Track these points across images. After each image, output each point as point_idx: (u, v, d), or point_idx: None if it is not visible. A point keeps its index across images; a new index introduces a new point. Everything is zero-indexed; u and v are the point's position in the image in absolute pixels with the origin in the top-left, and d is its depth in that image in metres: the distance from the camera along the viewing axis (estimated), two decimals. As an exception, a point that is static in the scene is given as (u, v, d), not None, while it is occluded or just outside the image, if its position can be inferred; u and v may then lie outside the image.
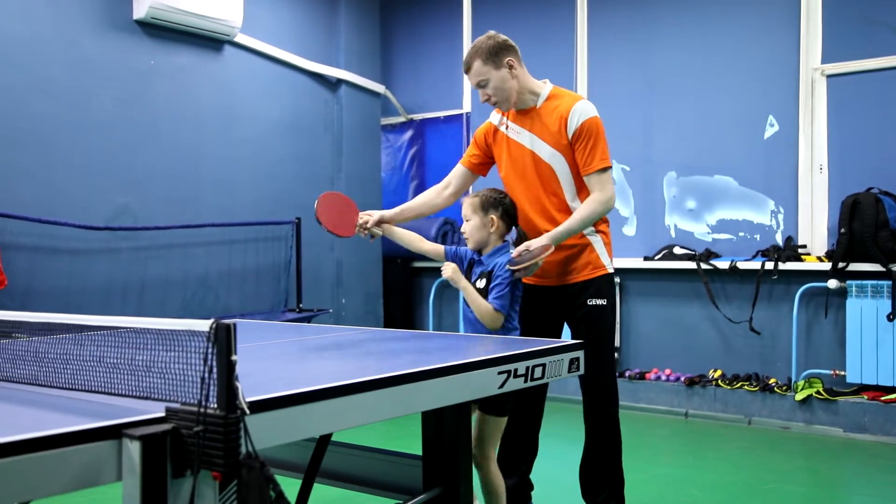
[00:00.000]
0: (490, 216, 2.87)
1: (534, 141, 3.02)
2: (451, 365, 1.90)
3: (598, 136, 2.94)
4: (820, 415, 4.99)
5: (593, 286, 3.04)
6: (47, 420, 1.36)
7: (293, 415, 1.50)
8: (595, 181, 2.94)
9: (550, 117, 2.99)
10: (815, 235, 5.22)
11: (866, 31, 5.03)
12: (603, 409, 3.12)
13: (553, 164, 2.99)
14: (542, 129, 3.01)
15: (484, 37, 3.04)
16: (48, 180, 4.63)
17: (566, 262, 3.06)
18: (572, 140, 2.95)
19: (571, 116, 2.94)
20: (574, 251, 3.05)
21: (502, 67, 2.99)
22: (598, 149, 2.93)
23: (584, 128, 2.93)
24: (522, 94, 3.04)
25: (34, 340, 1.96)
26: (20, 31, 4.55)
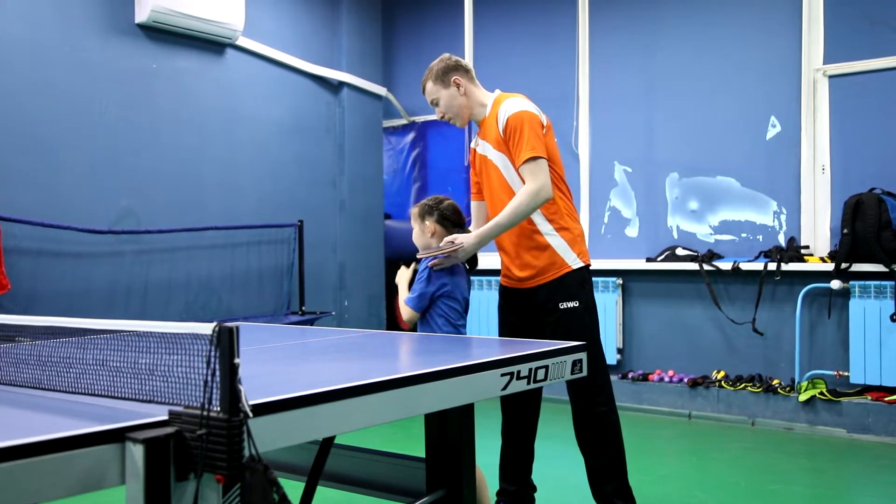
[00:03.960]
0: (426, 223, 3.09)
1: (486, 148, 3.17)
2: (453, 367, 1.90)
3: (521, 130, 3.01)
4: (823, 416, 4.99)
5: (561, 288, 3.08)
6: (50, 424, 1.36)
7: (296, 417, 1.50)
8: (525, 172, 2.99)
9: (491, 121, 3.14)
10: (817, 236, 5.22)
11: (868, 32, 5.03)
12: (588, 408, 3.13)
13: (499, 166, 3.10)
14: (489, 135, 3.15)
15: (437, 60, 3.26)
16: (51, 184, 4.64)
17: (528, 267, 3.12)
18: (504, 135, 3.06)
19: (499, 117, 3.07)
20: (534, 253, 3.10)
21: (450, 86, 3.18)
22: (524, 141, 3.00)
23: (508, 124, 3.04)
24: (473, 108, 3.21)
25: (37, 344, 1.96)
26: (22, 35, 4.56)
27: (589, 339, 3.03)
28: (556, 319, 3.07)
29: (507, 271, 3.23)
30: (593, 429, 3.14)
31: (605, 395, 3.14)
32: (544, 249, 3.09)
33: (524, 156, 2.98)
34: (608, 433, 3.14)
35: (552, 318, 3.08)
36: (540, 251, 3.09)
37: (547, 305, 3.09)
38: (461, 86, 3.18)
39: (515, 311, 3.25)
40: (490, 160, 3.15)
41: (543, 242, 3.09)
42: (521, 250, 3.12)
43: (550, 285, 3.09)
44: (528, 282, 3.14)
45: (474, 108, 3.21)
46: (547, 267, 3.09)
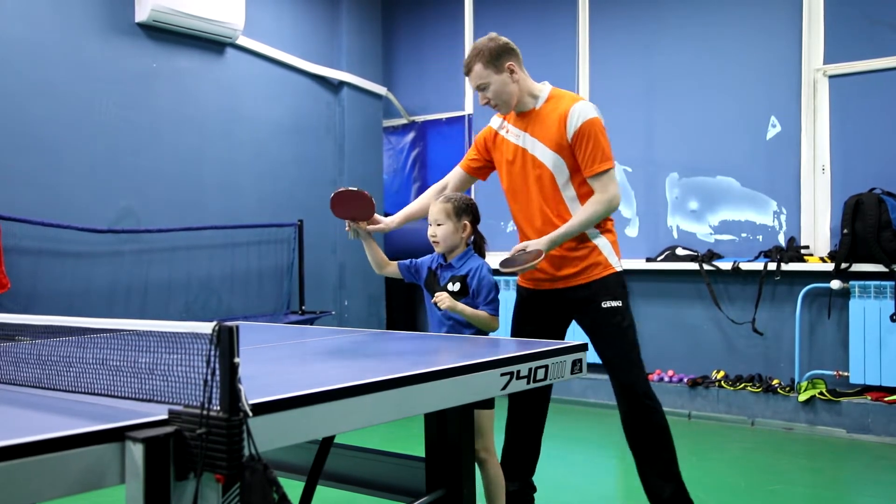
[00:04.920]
0: (463, 222, 2.94)
1: (533, 144, 2.98)
2: (453, 367, 1.90)
3: (598, 138, 2.88)
4: (823, 416, 4.99)
5: (604, 288, 2.98)
6: (50, 423, 1.37)
7: (296, 417, 1.50)
8: (597, 183, 2.90)
9: (550, 119, 2.94)
10: (817, 236, 5.22)
11: (868, 32, 5.03)
12: (643, 415, 2.99)
13: (552, 167, 2.94)
14: (541, 131, 2.96)
15: (485, 38, 2.98)
16: (51, 184, 4.64)
17: (571, 265, 3.00)
18: (572, 142, 2.90)
19: (570, 117, 2.89)
20: (579, 254, 2.99)
21: (503, 72, 2.95)
22: (599, 150, 2.88)
23: (583, 129, 2.88)
24: (522, 97, 3.00)
25: (37, 343, 1.96)
26: (22, 35, 4.56)
27: (632, 339, 3.01)
28: (598, 318, 2.99)
29: (537, 271, 3.03)
30: (645, 430, 3.01)
31: (651, 395, 3.03)
32: (590, 249, 2.99)
33: (601, 166, 2.87)
34: (660, 433, 3.01)
35: (592, 316, 3.00)
36: (585, 251, 2.99)
37: (587, 304, 3.00)
38: (515, 72, 2.97)
39: (539, 313, 3.14)
40: (537, 158, 2.97)
41: (589, 243, 2.99)
42: (563, 249, 2.97)
43: (594, 285, 2.98)
44: (566, 280, 3.02)
45: (523, 97, 3.00)
46: (591, 267, 2.99)
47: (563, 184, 2.95)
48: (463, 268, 2.92)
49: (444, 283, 2.95)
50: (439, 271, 3.01)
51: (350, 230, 3.22)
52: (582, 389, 5.89)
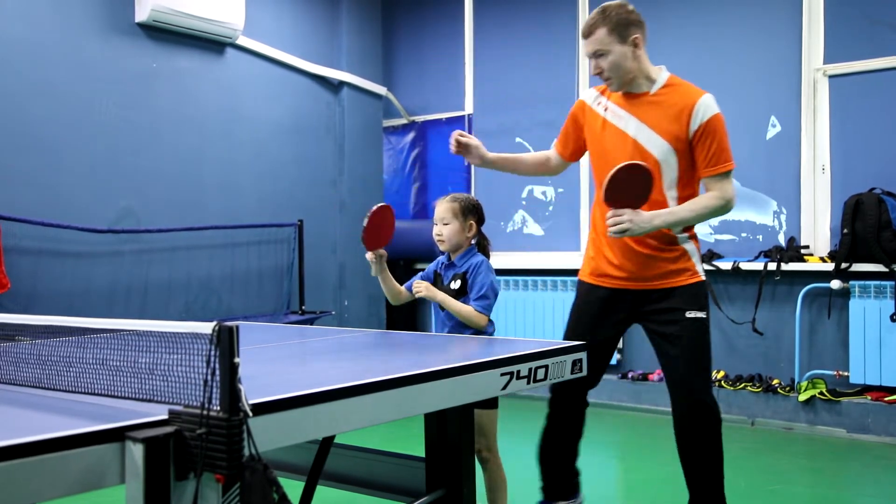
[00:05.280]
0: (469, 221, 2.97)
1: (640, 129, 2.74)
2: (453, 367, 1.90)
3: (723, 135, 2.72)
4: (823, 415, 4.99)
5: (691, 297, 2.80)
6: (50, 423, 1.37)
7: (296, 417, 1.50)
8: (716, 184, 2.73)
9: (667, 107, 2.73)
10: (817, 236, 5.22)
11: (868, 32, 5.03)
12: (707, 431, 2.81)
13: (660, 158, 2.72)
14: (654, 118, 2.73)
15: (616, 3, 2.77)
16: (51, 184, 4.64)
17: (658, 266, 2.81)
18: (694, 136, 2.70)
19: (697, 110, 2.69)
20: (669, 256, 2.81)
21: (627, 43, 2.72)
22: (723, 149, 2.71)
23: (710, 125, 2.69)
24: (637, 78, 2.77)
25: (37, 343, 1.96)
26: (22, 35, 4.56)
27: (709, 354, 2.84)
28: (681, 329, 2.77)
29: (618, 268, 2.85)
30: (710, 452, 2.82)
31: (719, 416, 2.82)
32: (680, 253, 2.82)
33: (724, 166, 2.71)
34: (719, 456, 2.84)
35: (675, 327, 2.79)
36: (675, 253, 2.81)
37: (670, 312, 2.80)
38: (639, 47, 2.75)
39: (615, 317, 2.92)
40: (643, 146, 2.73)
41: (679, 246, 2.82)
42: (652, 248, 2.78)
43: (682, 291, 2.79)
44: (651, 282, 2.82)
45: (638, 77, 2.77)
46: (679, 272, 2.81)
47: (668, 178, 2.75)
48: (464, 265, 2.94)
49: (447, 283, 2.96)
50: (443, 271, 3.03)
51: (375, 265, 3.08)
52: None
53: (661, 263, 2.81)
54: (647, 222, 2.63)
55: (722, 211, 2.79)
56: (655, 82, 2.79)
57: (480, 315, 2.83)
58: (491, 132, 6.54)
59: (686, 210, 2.73)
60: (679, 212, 2.72)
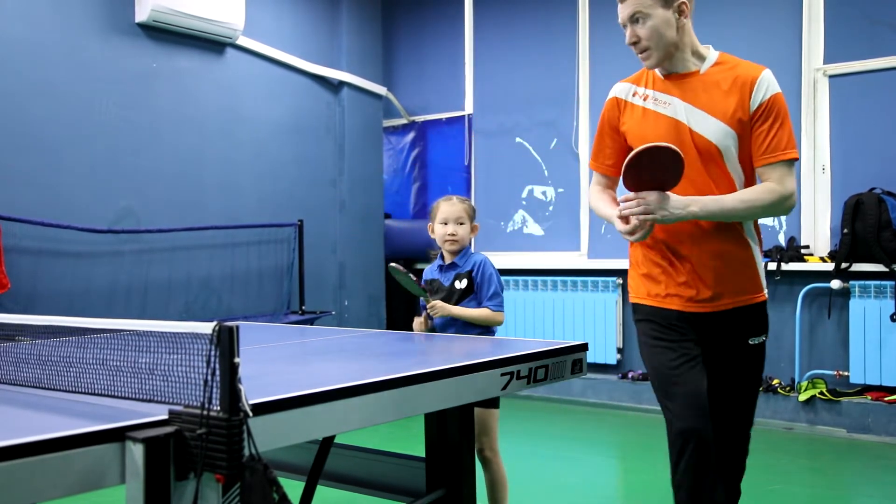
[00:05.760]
0: (475, 223, 3.05)
1: (690, 113, 2.32)
2: (453, 367, 1.90)
3: (786, 119, 2.33)
4: (823, 415, 4.99)
5: (756, 317, 2.39)
6: (51, 423, 1.37)
7: (296, 417, 1.50)
8: (774, 173, 2.28)
9: (722, 85, 2.32)
10: (817, 236, 5.22)
11: (868, 32, 5.03)
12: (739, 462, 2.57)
13: (720, 143, 2.29)
14: (706, 98, 2.32)
15: None
16: (51, 184, 4.64)
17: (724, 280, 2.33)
18: (755, 114, 2.30)
19: (759, 86, 2.30)
20: (736, 266, 2.35)
21: (671, 8, 2.32)
22: (787, 133, 2.31)
23: (772, 103, 2.31)
24: (683, 53, 2.36)
25: (37, 343, 1.96)
26: (22, 35, 4.56)
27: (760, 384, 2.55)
28: (740, 357, 2.39)
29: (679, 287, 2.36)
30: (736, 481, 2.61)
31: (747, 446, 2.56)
32: (749, 265, 2.37)
33: (787, 153, 2.28)
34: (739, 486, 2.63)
35: (739, 352, 2.39)
36: (744, 265, 2.36)
37: (730, 337, 2.38)
38: (684, 14, 2.36)
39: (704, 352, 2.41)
40: (696, 132, 2.30)
41: (749, 256, 2.37)
42: (718, 259, 2.32)
43: (747, 312, 2.37)
44: (719, 302, 2.34)
45: (683, 53, 2.36)
46: (745, 287, 2.36)
47: (731, 166, 2.34)
48: (467, 264, 2.97)
49: (449, 283, 2.97)
50: (440, 274, 3.04)
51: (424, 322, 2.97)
52: (582, 389, 5.89)
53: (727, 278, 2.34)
54: (679, 207, 2.22)
55: (779, 208, 2.31)
56: (706, 59, 2.37)
57: (496, 313, 2.90)
58: (491, 132, 6.54)
59: (734, 200, 2.26)
60: (725, 201, 2.25)
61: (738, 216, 2.29)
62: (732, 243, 2.34)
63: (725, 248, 2.33)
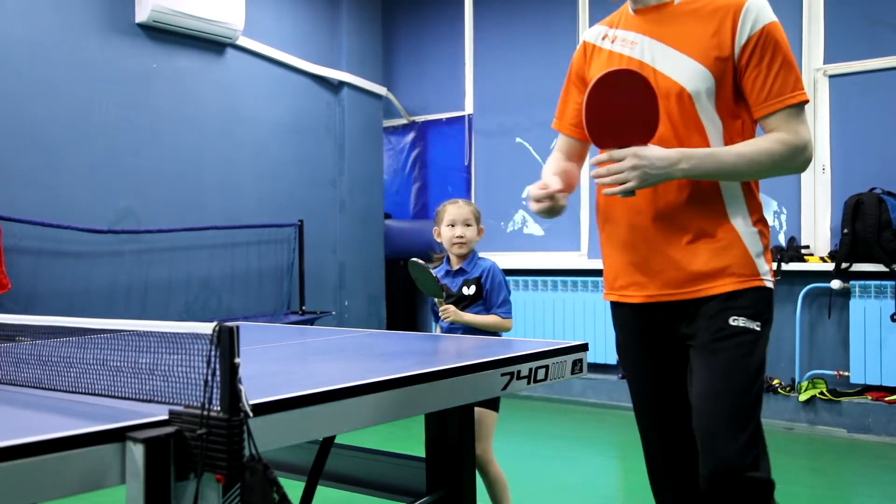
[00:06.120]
0: (481, 226, 3.04)
1: (656, 51, 1.90)
2: (453, 367, 1.90)
3: (787, 51, 1.85)
4: (824, 415, 4.99)
5: (742, 300, 1.87)
6: (51, 423, 1.36)
7: (296, 417, 1.50)
8: (782, 122, 1.82)
9: (699, 15, 1.88)
10: (818, 236, 5.22)
11: (868, 32, 5.03)
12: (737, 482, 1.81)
13: (690, 86, 1.84)
14: (678, 32, 1.90)
15: None
16: (51, 184, 4.64)
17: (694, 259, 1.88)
18: (743, 52, 1.83)
19: (746, 15, 1.84)
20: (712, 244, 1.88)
21: None
22: (790, 70, 1.83)
23: (766, 35, 1.84)
24: None
25: (38, 344, 1.96)
26: (22, 35, 4.56)
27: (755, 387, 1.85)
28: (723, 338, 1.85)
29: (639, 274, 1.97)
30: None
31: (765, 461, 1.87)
32: (732, 242, 1.88)
33: (794, 96, 1.82)
34: None
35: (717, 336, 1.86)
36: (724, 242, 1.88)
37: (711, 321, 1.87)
38: None
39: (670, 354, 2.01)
40: (664, 73, 1.88)
41: (731, 231, 1.88)
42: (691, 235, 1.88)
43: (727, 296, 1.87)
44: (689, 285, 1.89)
45: None
46: (727, 269, 1.87)
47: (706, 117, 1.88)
48: (475, 270, 2.95)
49: (457, 289, 2.95)
50: (448, 279, 3.00)
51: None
52: (582, 389, 5.89)
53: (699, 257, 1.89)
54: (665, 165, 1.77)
55: (792, 163, 1.84)
56: None
57: (506, 321, 2.90)
58: (491, 132, 6.54)
59: (735, 155, 1.81)
60: (722, 155, 1.81)
61: (741, 174, 1.85)
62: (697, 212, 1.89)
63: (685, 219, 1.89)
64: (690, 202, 1.89)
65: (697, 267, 1.90)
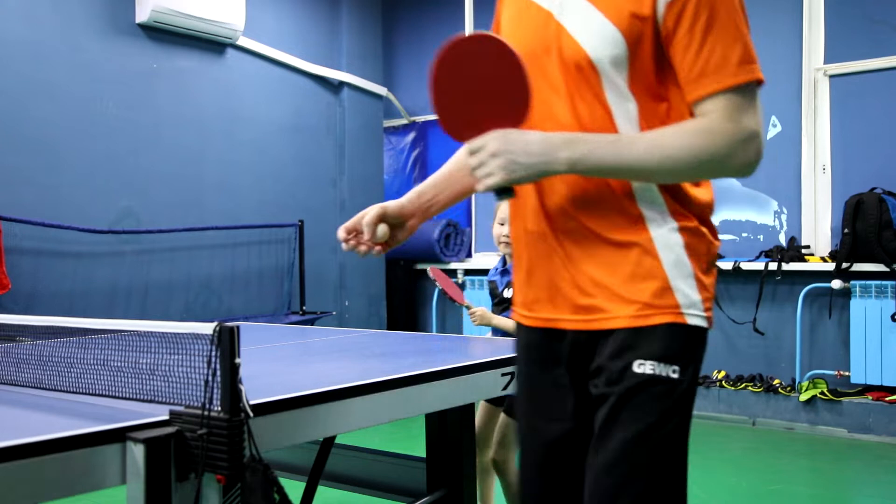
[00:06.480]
0: None
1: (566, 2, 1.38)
2: (453, 367, 1.89)
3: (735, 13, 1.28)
4: (824, 415, 4.98)
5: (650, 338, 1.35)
6: (51, 423, 1.36)
7: (297, 417, 1.50)
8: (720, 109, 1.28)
9: None
10: (818, 236, 5.22)
11: (869, 31, 5.03)
12: None
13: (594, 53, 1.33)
14: None
15: None
16: (52, 184, 4.64)
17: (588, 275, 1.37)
18: (668, 10, 1.29)
19: None
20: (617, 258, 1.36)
21: None
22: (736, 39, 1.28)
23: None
24: None
25: (38, 344, 1.96)
26: (23, 36, 4.56)
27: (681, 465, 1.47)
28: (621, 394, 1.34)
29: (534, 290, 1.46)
30: None
31: None
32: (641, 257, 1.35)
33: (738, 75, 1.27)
34: None
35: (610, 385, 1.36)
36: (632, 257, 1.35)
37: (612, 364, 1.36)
38: None
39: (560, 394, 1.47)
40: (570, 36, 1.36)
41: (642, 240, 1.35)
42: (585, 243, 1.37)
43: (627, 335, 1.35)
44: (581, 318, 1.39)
45: None
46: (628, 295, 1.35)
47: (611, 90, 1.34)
48: None
49: (501, 290, 2.88)
50: (498, 278, 2.92)
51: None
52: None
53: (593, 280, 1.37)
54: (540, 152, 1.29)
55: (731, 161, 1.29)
56: None
57: None
58: (491, 132, 6.54)
59: (646, 144, 1.29)
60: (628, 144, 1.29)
61: (650, 172, 1.29)
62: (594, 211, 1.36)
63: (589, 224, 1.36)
64: (587, 199, 1.36)
65: (589, 288, 1.37)
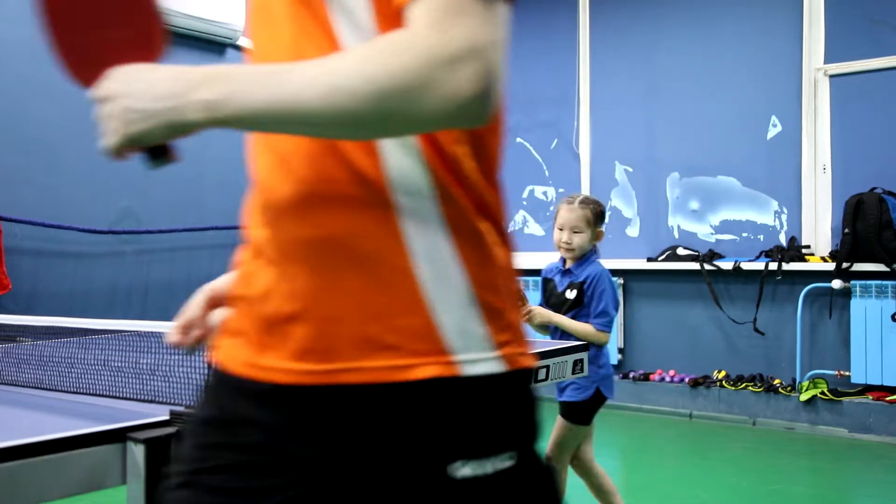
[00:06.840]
0: (599, 229, 2.82)
1: None
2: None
3: None
4: (825, 415, 4.98)
5: (450, 418, 0.81)
6: (52, 424, 1.36)
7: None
8: (423, 10, 0.73)
9: None
10: (818, 236, 5.22)
11: (869, 31, 5.03)
12: None
13: None
14: None
15: None
16: (52, 184, 4.64)
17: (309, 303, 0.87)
18: None
19: None
20: (339, 274, 0.85)
21: None
22: None
23: None
24: None
25: (38, 344, 1.96)
26: (22, 35, 4.56)
27: None
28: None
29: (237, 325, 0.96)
30: None
31: None
32: (391, 275, 0.82)
33: None
34: None
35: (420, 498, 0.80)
36: (378, 271, 0.82)
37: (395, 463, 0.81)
38: None
39: None
40: None
41: (391, 246, 0.82)
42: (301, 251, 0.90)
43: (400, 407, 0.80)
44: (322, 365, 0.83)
45: None
46: (376, 334, 0.81)
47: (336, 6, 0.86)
48: (582, 274, 2.76)
49: (561, 290, 2.82)
50: (557, 277, 2.86)
51: None
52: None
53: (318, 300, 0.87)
54: (169, 95, 0.90)
55: (424, 90, 0.71)
56: None
57: (600, 333, 2.68)
58: (491, 132, 6.53)
59: (313, 70, 0.78)
60: (287, 75, 0.81)
61: (315, 116, 0.78)
62: (315, 199, 0.89)
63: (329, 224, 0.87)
64: (305, 178, 0.90)
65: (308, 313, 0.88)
